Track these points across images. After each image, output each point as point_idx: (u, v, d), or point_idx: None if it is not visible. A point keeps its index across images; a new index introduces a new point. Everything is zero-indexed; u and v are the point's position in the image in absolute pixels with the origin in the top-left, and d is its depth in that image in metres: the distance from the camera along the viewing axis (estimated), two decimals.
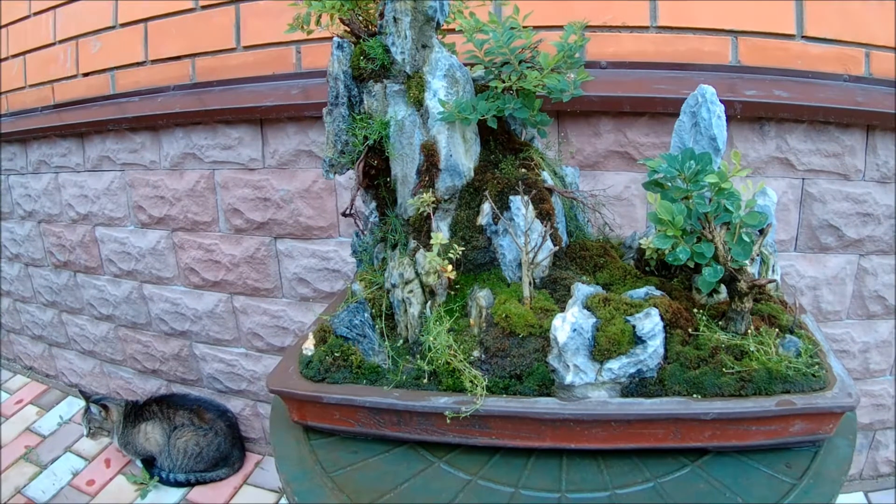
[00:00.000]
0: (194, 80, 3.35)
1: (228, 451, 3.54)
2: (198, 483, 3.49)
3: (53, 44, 3.78)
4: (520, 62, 1.51)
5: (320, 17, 1.57)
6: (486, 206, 1.54)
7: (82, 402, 3.61)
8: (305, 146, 3.02)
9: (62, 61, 3.76)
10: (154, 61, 3.44)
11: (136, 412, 3.51)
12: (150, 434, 3.44)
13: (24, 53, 3.97)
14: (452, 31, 1.63)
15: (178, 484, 3.47)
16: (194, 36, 3.28)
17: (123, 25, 3.46)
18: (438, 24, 1.53)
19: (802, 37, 2.62)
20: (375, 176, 1.64)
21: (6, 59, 4.08)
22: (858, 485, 3.20)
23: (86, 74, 3.71)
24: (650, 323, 1.31)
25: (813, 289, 2.80)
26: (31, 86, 4.00)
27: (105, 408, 3.48)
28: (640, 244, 1.58)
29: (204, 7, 3.21)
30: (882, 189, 2.64)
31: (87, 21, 3.59)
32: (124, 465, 3.68)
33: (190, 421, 3.45)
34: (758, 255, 1.51)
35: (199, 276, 3.52)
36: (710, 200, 1.34)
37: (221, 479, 3.53)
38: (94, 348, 4.26)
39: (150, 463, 3.52)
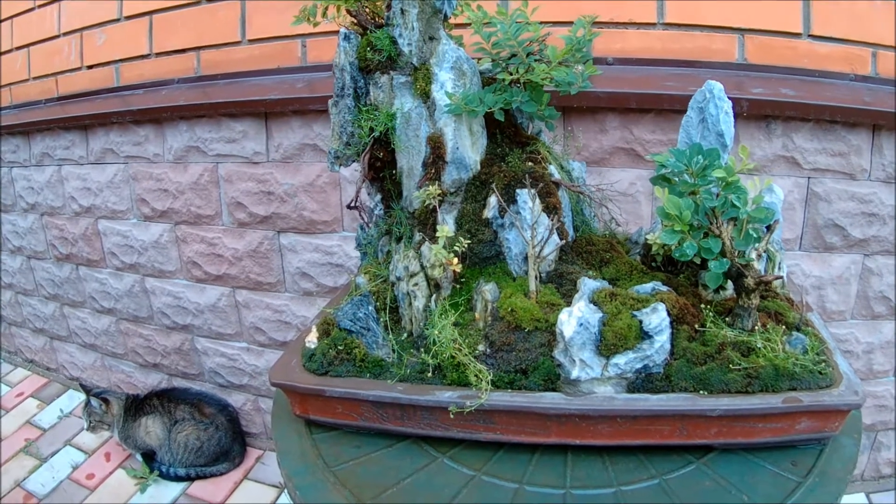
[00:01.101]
0: (199, 73, 3.34)
1: (229, 445, 3.54)
2: (198, 477, 3.48)
3: (58, 36, 3.77)
4: (527, 55, 1.50)
5: (327, 8, 1.56)
6: (493, 200, 1.53)
7: (83, 396, 3.61)
8: (310, 140, 3.01)
9: (66, 54, 3.76)
10: (159, 54, 3.43)
11: (136, 406, 3.50)
12: (151, 428, 3.43)
13: (28, 46, 3.96)
14: (460, 24, 1.62)
15: (178, 478, 3.47)
16: (199, 29, 3.27)
17: (128, 18, 3.46)
18: (446, 15, 1.52)
19: (809, 35, 2.62)
20: (381, 168, 1.64)
21: (10, 51, 4.08)
22: (860, 486, 3.19)
23: (90, 67, 3.70)
24: (657, 318, 1.30)
25: (818, 288, 2.80)
26: (35, 78, 3.99)
27: (106, 401, 3.47)
28: (646, 239, 1.57)
29: (209, 0, 3.21)
30: (888, 189, 2.63)
31: (91, 13, 3.58)
32: (124, 459, 3.68)
33: (191, 415, 3.45)
34: (764, 252, 1.50)
35: (202, 270, 3.52)
36: (718, 195, 1.33)
37: (222, 474, 3.52)
38: (95, 342, 4.25)
39: (150, 457, 3.52)
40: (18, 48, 4.03)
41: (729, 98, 1.55)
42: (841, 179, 2.64)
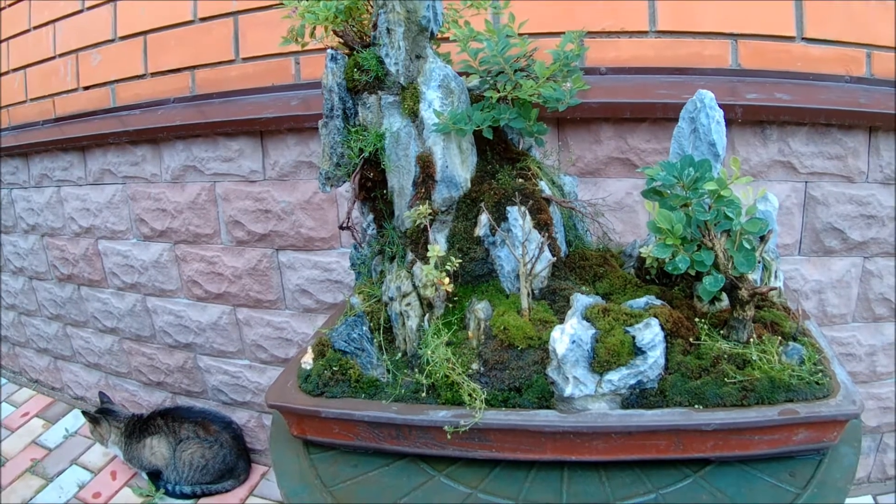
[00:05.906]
0: (194, 92, 3.35)
1: (234, 462, 3.54)
2: (204, 495, 3.48)
3: (54, 57, 3.79)
4: (515, 71, 1.50)
5: (314, 29, 1.56)
6: (484, 218, 1.53)
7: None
8: (306, 157, 3.01)
9: (63, 75, 3.77)
10: (154, 74, 3.44)
11: (140, 427, 3.51)
12: (156, 448, 3.44)
13: (24, 67, 3.98)
14: (447, 39, 1.62)
15: (184, 496, 3.47)
16: (194, 48, 3.28)
17: (123, 38, 3.47)
18: (432, 33, 1.52)
19: (803, 38, 2.61)
20: (372, 188, 1.64)
21: (7, 73, 4.09)
22: (867, 488, 3.17)
23: (86, 88, 3.71)
24: (650, 333, 1.29)
25: (818, 292, 2.79)
26: (33, 99, 4.01)
27: (94, 421, 3.54)
28: (640, 253, 1.57)
29: (203, 19, 3.21)
30: (886, 191, 2.62)
31: (86, 34, 3.60)
32: (130, 478, 3.68)
33: (195, 433, 3.45)
34: (759, 262, 1.50)
35: (202, 289, 3.52)
36: (710, 208, 1.32)
37: (227, 491, 3.52)
38: (99, 361, 4.26)
39: (155, 475, 3.52)
40: (15, 70, 4.04)
41: (723, 104, 1.54)
42: (838, 182, 2.63)
